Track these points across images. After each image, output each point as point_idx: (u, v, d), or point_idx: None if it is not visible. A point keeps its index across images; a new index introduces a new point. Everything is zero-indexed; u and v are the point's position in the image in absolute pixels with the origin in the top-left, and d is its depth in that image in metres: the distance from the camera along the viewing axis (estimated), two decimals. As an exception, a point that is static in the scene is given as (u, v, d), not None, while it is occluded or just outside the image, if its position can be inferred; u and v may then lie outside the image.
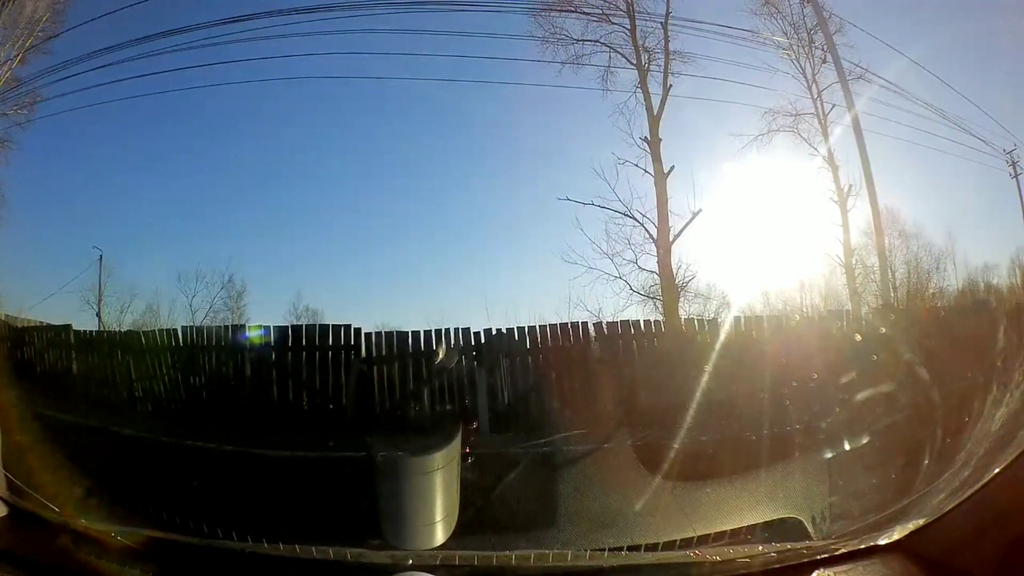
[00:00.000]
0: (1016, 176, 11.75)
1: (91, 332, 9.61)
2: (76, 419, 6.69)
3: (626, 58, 11.28)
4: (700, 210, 10.58)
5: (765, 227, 11.10)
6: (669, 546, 2.71)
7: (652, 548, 2.74)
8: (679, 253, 10.94)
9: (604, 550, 2.91)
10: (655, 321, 9.16)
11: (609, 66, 11.25)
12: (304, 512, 3.84)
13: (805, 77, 11.60)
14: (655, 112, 11.04)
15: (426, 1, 10.96)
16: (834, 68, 11.08)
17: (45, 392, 7.49)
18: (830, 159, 11.41)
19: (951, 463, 2.54)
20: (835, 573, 1.87)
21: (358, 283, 14.27)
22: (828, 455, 4.39)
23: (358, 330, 7.76)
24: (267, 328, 8.01)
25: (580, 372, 7.66)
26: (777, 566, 1.96)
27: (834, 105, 11.19)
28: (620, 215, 10.93)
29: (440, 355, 7.51)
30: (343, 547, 2.17)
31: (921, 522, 1.89)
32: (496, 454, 5.83)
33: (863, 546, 1.94)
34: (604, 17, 11.27)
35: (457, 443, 3.58)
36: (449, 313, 14.68)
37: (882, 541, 1.93)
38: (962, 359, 5.77)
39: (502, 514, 4.27)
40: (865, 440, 4.33)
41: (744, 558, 2.02)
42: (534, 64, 10.96)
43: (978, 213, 13.57)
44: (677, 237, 10.78)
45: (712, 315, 11.06)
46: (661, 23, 11.12)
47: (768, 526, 3.00)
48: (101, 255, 12.00)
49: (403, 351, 7.69)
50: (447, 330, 7.79)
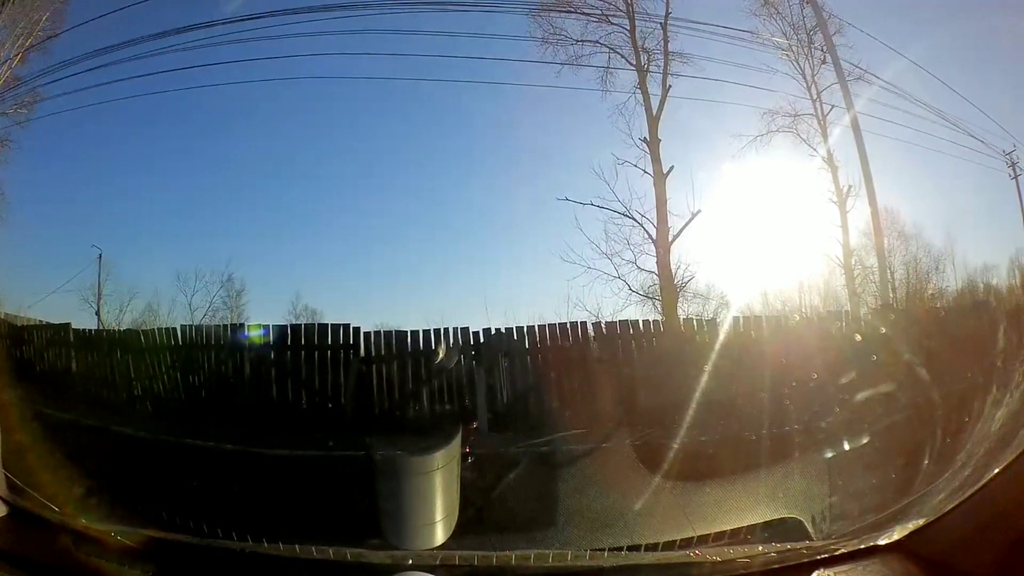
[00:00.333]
0: (1015, 177, 11.75)
1: (90, 331, 9.59)
2: (75, 418, 6.68)
3: (625, 59, 11.29)
4: (699, 210, 10.57)
5: (764, 228, 11.09)
6: (669, 546, 2.71)
7: (652, 548, 2.74)
8: (678, 253, 10.94)
9: (604, 550, 2.91)
10: (654, 321, 9.16)
11: (608, 67, 11.25)
12: (303, 512, 3.84)
13: (804, 78, 11.59)
14: (654, 113, 11.02)
15: (425, 1, 10.95)
16: (833, 69, 11.11)
17: (44, 391, 7.47)
18: (829, 160, 11.41)
19: (951, 463, 2.54)
20: (835, 573, 1.87)
21: (357, 283, 14.23)
22: (828, 455, 4.40)
23: (357, 329, 7.74)
24: (267, 327, 7.99)
25: (579, 372, 7.64)
26: (777, 566, 1.97)
27: (833, 106, 11.19)
28: (619, 215, 10.91)
29: (440, 355, 7.51)
30: (343, 547, 2.17)
31: (921, 522, 1.89)
32: (495, 454, 5.81)
33: (863, 546, 1.94)
34: (603, 18, 11.28)
35: (457, 443, 3.58)
36: (448, 312, 14.65)
37: (882, 541, 1.93)
38: (961, 359, 5.77)
39: (501, 514, 4.27)
40: (865, 440, 4.34)
41: (744, 558, 2.02)
42: (534, 65, 10.95)
43: (977, 214, 13.57)
44: (676, 237, 10.79)
45: (711, 315, 11.07)
46: (660, 24, 11.12)
47: (768, 526, 3.00)
48: (100, 254, 11.98)
49: (402, 350, 7.68)
50: (446, 329, 7.79)
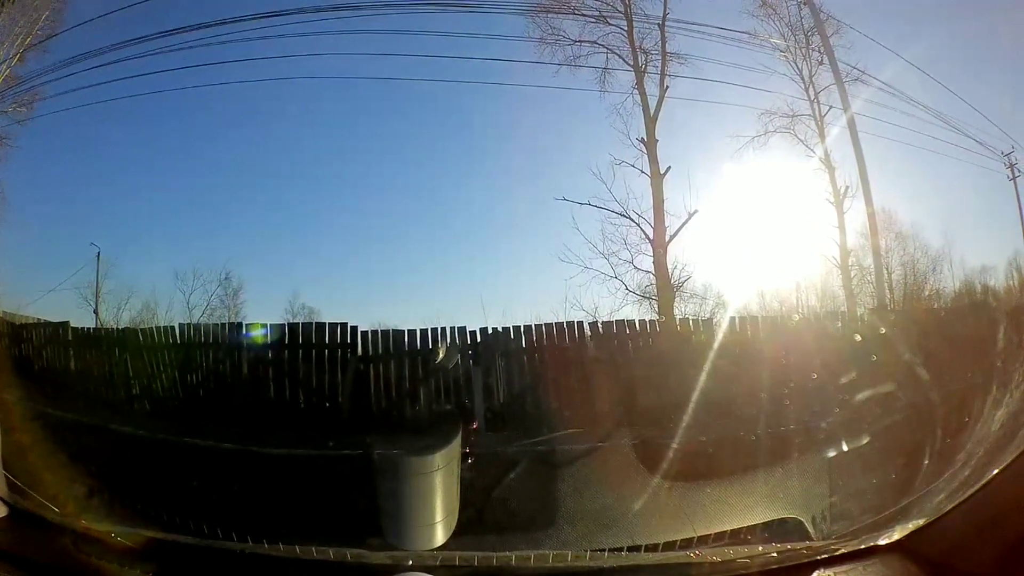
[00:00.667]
0: (1014, 178, 11.76)
1: (89, 329, 9.57)
2: (75, 417, 6.66)
3: (623, 59, 11.29)
4: (696, 211, 10.61)
5: (761, 228, 11.09)
6: (669, 546, 2.70)
7: (652, 548, 2.74)
8: (675, 253, 10.96)
9: (604, 550, 2.90)
10: (650, 321, 9.20)
11: (606, 67, 11.25)
12: (303, 511, 3.84)
13: (802, 78, 11.59)
14: (652, 113, 11.02)
15: (422, 1, 10.94)
16: (831, 70, 11.10)
17: (43, 390, 7.45)
18: (826, 160, 11.41)
19: (951, 463, 2.55)
20: (835, 573, 1.87)
21: (354, 282, 14.23)
22: (828, 455, 4.39)
23: (355, 328, 7.74)
24: (265, 326, 7.97)
25: (576, 371, 7.65)
26: (777, 566, 1.97)
27: (831, 107, 11.19)
28: (616, 215, 10.94)
29: (441, 354, 7.51)
30: (343, 547, 2.16)
31: (921, 522, 1.90)
32: (492, 453, 5.82)
33: (863, 546, 1.95)
34: (601, 18, 11.28)
35: (457, 443, 3.57)
36: (445, 312, 14.68)
37: (882, 541, 1.93)
38: (960, 360, 5.78)
39: (500, 514, 4.27)
40: (864, 440, 4.34)
41: (744, 558, 2.02)
42: (532, 65, 10.94)
43: (976, 215, 13.59)
44: (673, 237, 10.81)
45: (708, 315, 11.09)
46: (658, 25, 11.13)
47: (768, 526, 3.00)
48: (99, 252, 11.96)
49: (400, 350, 7.68)
50: (443, 329, 7.79)
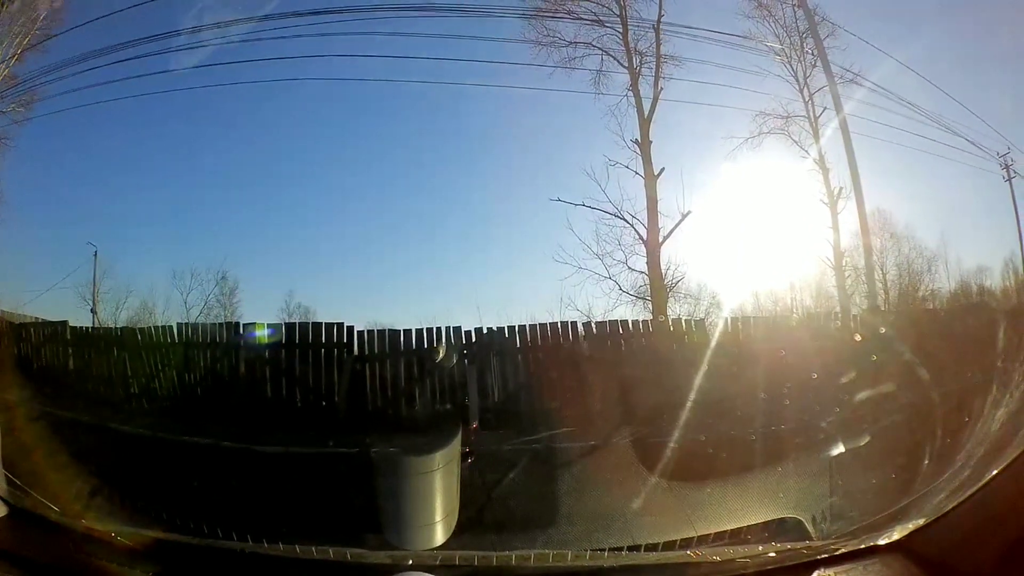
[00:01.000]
0: (1010, 179, 11.79)
1: (87, 329, 9.57)
2: (74, 416, 6.66)
3: (618, 61, 11.30)
4: (689, 212, 10.69)
5: (755, 229, 11.16)
6: (669, 546, 2.70)
7: (652, 548, 2.73)
8: (668, 254, 11.03)
9: (604, 550, 2.91)
10: (643, 321, 9.21)
11: (601, 69, 11.28)
12: (303, 510, 3.84)
13: (797, 80, 11.60)
14: (646, 115, 11.07)
15: (418, 5, 10.93)
16: (823, 72, 11.09)
17: (42, 389, 7.44)
18: (821, 161, 11.42)
19: (951, 463, 2.55)
20: (835, 573, 1.87)
21: (349, 281, 14.30)
22: (827, 455, 4.40)
23: (351, 328, 7.76)
24: (263, 326, 7.98)
25: (570, 371, 7.66)
26: (777, 566, 1.97)
27: (825, 108, 11.20)
28: (611, 216, 11.02)
29: (440, 353, 7.51)
30: (343, 547, 2.16)
31: (921, 522, 1.90)
32: (489, 452, 5.84)
33: (863, 546, 1.95)
34: (597, 20, 11.28)
35: (457, 442, 3.58)
36: (441, 312, 14.75)
37: (882, 541, 1.93)
38: (958, 360, 5.79)
39: (498, 513, 4.27)
40: (864, 440, 4.34)
41: (744, 558, 2.02)
42: (528, 67, 10.98)
43: (972, 215, 13.66)
44: (666, 238, 10.88)
45: (702, 315, 11.14)
46: (653, 26, 11.14)
47: (768, 526, 3.00)
48: (96, 251, 11.97)
49: (396, 350, 7.69)
50: (439, 329, 7.81)
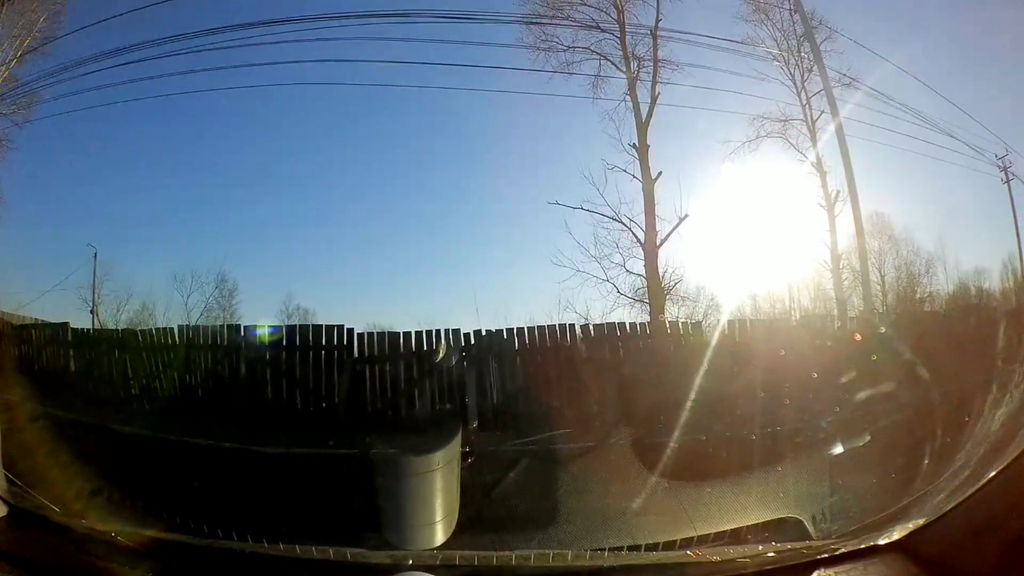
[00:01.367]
0: (1008, 182, 11.80)
1: (88, 330, 9.59)
2: (75, 416, 6.67)
3: (616, 65, 11.37)
4: (686, 215, 10.77)
5: (753, 232, 11.20)
6: (669, 546, 2.70)
7: (652, 548, 2.74)
8: (666, 257, 11.09)
9: (604, 550, 2.91)
10: (641, 323, 9.24)
11: (599, 74, 11.37)
12: (303, 510, 3.83)
13: (794, 83, 11.65)
14: (643, 119, 11.11)
15: (417, 11, 10.97)
16: (819, 76, 11.09)
17: (43, 390, 7.46)
18: (818, 165, 11.46)
19: (951, 463, 2.54)
20: (835, 573, 1.87)
21: (349, 283, 14.35)
22: (827, 455, 4.40)
23: (351, 330, 7.79)
24: (264, 328, 8.02)
25: (567, 373, 7.69)
26: (777, 566, 1.96)
27: (823, 111, 11.24)
28: (609, 219, 11.11)
29: (441, 354, 7.53)
30: (343, 546, 2.16)
31: (921, 522, 1.89)
32: (488, 452, 5.87)
33: (863, 546, 1.94)
34: (595, 25, 11.31)
35: (456, 443, 3.58)
36: (440, 314, 14.80)
37: (882, 541, 1.93)
38: (958, 360, 5.79)
39: (498, 513, 4.26)
40: (864, 440, 4.33)
41: (744, 558, 2.02)
42: (526, 72, 11.05)
43: (970, 217, 13.68)
44: (664, 241, 10.94)
45: (700, 317, 11.16)
46: (650, 31, 11.18)
47: (768, 526, 3.00)
48: (96, 252, 11.99)
49: (395, 351, 7.72)
50: (438, 331, 7.85)
